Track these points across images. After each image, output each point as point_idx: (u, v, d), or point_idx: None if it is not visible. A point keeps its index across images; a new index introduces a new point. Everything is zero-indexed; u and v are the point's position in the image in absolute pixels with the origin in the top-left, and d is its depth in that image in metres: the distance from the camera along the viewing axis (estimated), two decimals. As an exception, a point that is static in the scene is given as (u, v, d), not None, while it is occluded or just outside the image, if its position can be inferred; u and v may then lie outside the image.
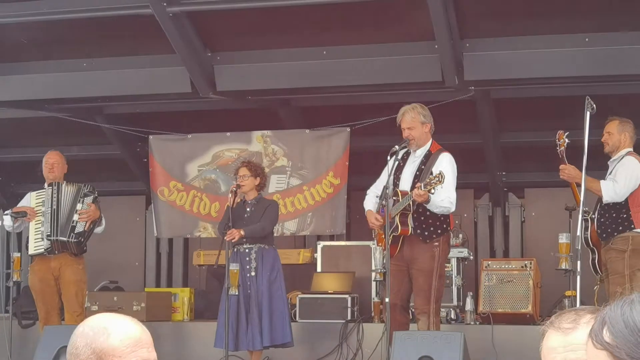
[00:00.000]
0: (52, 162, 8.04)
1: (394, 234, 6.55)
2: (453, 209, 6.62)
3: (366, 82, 9.56)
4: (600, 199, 7.17)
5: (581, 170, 6.70)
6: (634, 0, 8.41)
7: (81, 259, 7.92)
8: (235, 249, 7.80)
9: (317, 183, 10.70)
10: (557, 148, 7.02)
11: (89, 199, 7.86)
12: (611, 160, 7.26)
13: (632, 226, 7.02)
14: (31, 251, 7.92)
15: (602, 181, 7.05)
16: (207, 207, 11.01)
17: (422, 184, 6.36)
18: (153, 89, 9.98)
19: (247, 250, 7.80)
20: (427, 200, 6.43)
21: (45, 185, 8.16)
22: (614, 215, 7.04)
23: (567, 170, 6.97)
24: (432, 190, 6.29)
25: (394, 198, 6.63)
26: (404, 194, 6.58)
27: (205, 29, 9.45)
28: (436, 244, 6.64)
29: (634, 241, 7.00)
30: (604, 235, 7.08)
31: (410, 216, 6.57)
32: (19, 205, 8.19)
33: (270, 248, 7.88)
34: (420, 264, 6.62)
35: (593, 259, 7.27)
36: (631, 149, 7.25)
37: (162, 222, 11.14)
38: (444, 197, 6.47)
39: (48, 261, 7.80)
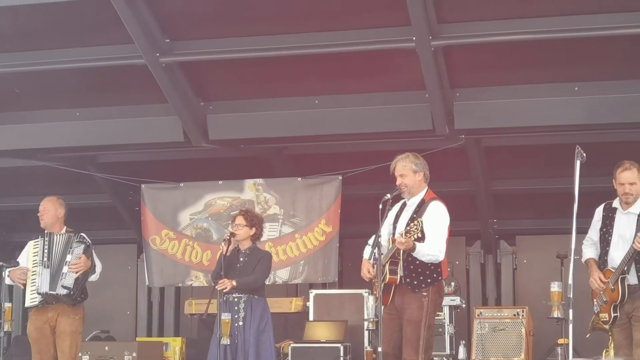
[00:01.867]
0: (42, 209, 7.97)
1: (383, 282, 6.55)
2: (441, 257, 6.61)
3: (357, 130, 9.63)
4: (635, 256, 6.83)
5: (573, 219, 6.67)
6: (623, 49, 8.51)
7: (78, 308, 7.79)
8: (224, 298, 7.79)
9: (309, 231, 10.71)
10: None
11: (79, 250, 7.73)
12: (628, 211, 6.73)
13: None
14: (27, 304, 7.85)
15: None
16: (199, 255, 11.00)
17: (404, 232, 6.39)
18: (146, 138, 10.02)
19: (236, 300, 7.78)
20: (412, 249, 6.44)
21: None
22: None
23: None
24: (413, 237, 6.32)
25: (388, 247, 6.64)
26: (394, 241, 6.60)
27: (197, 79, 9.53)
28: (425, 293, 6.61)
29: None
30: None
31: (400, 264, 6.57)
32: (22, 253, 8.12)
33: (260, 298, 7.86)
34: (409, 314, 6.60)
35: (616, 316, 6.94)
36: None
37: (153, 271, 11.12)
38: (429, 246, 6.49)
39: (45, 311, 7.72)
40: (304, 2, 8.49)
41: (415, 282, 6.57)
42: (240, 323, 7.76)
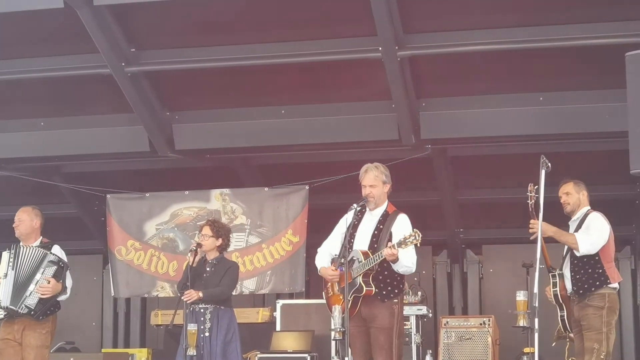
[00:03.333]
0: (17, 220, 7.82)
1: (357, 294, 6.54)
2: (414, 269, 6.67)
3: (324, 140, 9.64)
4: (569, 255, 7.20)
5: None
6: (588, 60, 8.59)
7: (46, 322, 7.62)
8: (191, 308, 7.75)
9: (276, 241, 10.69)
10: (528, 202, 7.03)
11: (50, 271, 7.54)
12: (573, 220, 7.34)
13: (608, 281, 7.09)
14: None
15: (576, 234, 7.10)
16: (165, 266, 10.94)
17: (396, 243, 6.39)
18: (111, 148, 9.97)
19: (202, 310, 7.74)
20: (396, 260, 6.47)
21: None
22: (590, 271, 7.08)
23: (537, 225, 6.96)
24: (404, 248, 6.35)
25: (354, 258, 6.62)
26: (365, 253, 6.59)
27: (163, 89, 9.49)
28: (395, 301, 6.65)
29: (610, 298, 7.09)
30: (581, 291, 7.09)
31: (371, 276, 6.58)
32: None
33: (226, 309, 7.82)
34: (380, 321, 6.60)
35: (562, 316, 7.26)
36: (589, 207, 7.34)
37: (119, 282, 11.04)
38: (408, 257, 6.52)
39: (12, 323, 7.60)
40: (270, 11, 8.49)
41: (384, 293, 6.61)
42: (207, 334, 7.73)
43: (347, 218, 6.67)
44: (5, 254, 7.73)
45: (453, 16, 8.46)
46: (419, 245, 6.42)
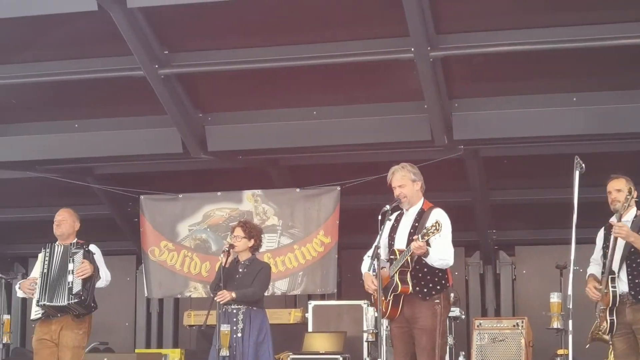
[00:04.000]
0: (59, 219, 7.91)
1: (394, 293, 6.50)
2: (451, 262, 6.59)
3: (356, 141, 9.63)
4: (626, 257, 6.93)
5: (572, 229, 6.67)
6: (622, 60, 8.52)
7: (83, 322, 7.67)
8: (223, 309, 7.77)
9: (308, 242, 10.70)
10: (618, 204, 6.78)
11: (78, 256, 7.70)
12: (624, 220, 6.79)
13: None
14: (32, 316, 7.81)
15: None
16: (198, 266, 11.00)
17: (420, 235, 6.35)
18: (144, 149, 10.03)
19: (234, 311, 7.76)
20: (426, 253, 6.41)
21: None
22: None
23: (623, 230, 6.76)
24: (430, 239, 6.29)
25: (391, 257, 6.60)
26: (401, 251, 6.57)
27: (196, 91, 9.53)
28: (437, 301, 6.59)
29: None
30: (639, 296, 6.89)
31: (408, 274, 6.54)
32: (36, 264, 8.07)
33: (258, 309, 7.84)
34: (422, 322, 6.55)
35: (612, 320, 6.99)
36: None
37: (152, 282, 11.11)
38: (440, 250, 6.46)
39: (49, 323, 7.65)
40: (302, 13, 8.49)
41: (425, 290, 6.53)
42: (239, 334, 7.75)
43: (381, 220, 6.63)
44: (40, 254, 7.83)
45: (485, 16, 8.42)
46: (439, 236, 6.33)
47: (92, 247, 7.88)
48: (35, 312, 7.70)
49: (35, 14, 8.40)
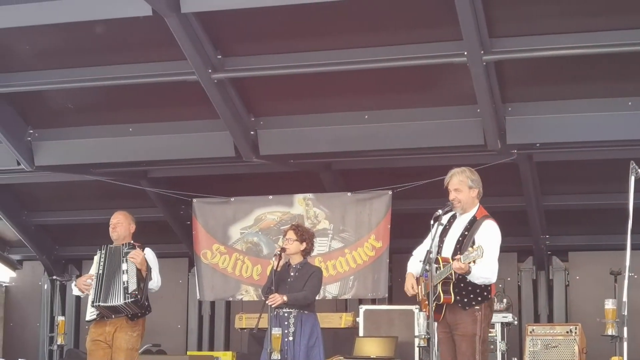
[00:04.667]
0: (115, 222, 7.98)
1: (437, 302, 6.49)
2: (494, 279, 6.55)
3: (408, 145, 9.59)
4: None
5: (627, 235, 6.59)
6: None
7: (137, 324, 7.70)
8: (275, 312, 7.79)
9: (359, 246, 10.70)
10: None
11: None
12: None
13: None
14: (87, 317, 7.89)
15: None
16: (249, 270, 11.05)
17: (462, 257, 6.31)
18: (197, 153, 10.10)
19: (286, 315, 7.78)
20: (468, 272, 6.39)
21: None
22: None
23: None
24: (472, 263, 6.26)
25: (435, 265, 6.57)
26: (446, 261, 6.53)
27: (248, 95, 9.58)
28: (477, 308, 6.57)
29: None
30: None
31: (451, 285, 6.52)
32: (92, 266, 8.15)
33: (310, 313, 7.84)
34: (462, 328, 6.53)
35: None
36: None
37: (204, 285, 11.18)
38: (483, 269, 6.43)
39: (104, 324, 7.70)
40: (354, 16, 8.49)
41: (466, 300, 6.52)
42: (290, 338, 7.76)
43: (434, 223, 6.60)
44: (96, 256, 7.92)
45: (539, 20, 8.36)
46: (478, 261, 6.28)
47: (147, 251, 7.93)
48: (90, 313, 7.78)
49: (91, 19, 8.51)
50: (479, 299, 6.54)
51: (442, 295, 6.47)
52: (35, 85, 9.56)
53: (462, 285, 6.51)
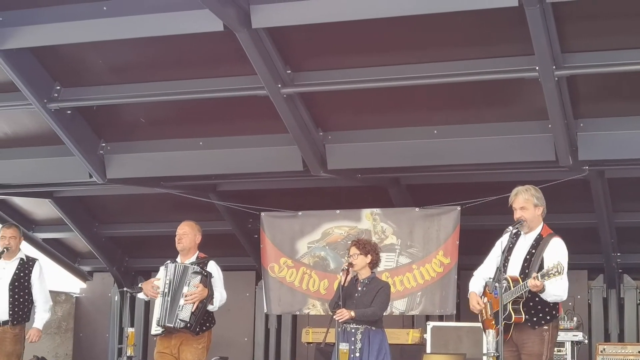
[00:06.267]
0: (181, 233, 8.00)
1: (507, 322, 6.43)
2: (565, 297, 6.50)
3: (477, 161, 9.52)
4: None
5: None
6: None
7: (202, 337, 7.77)
8: (342, 328, 7.78)
9: (427, 262, 10.64)
10: None
11: (195, 280, 7.73)
12: None
13: None
14: (152, 331, 7.96)
15: None
16: (316, 284, 11.06)
17: (539, 275, 6.25)
18: (266, 167, 10.15)
19: (353, 330, 7.77)
20: (542, 290, 6.33)
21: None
22: None
23: None
24: (546, 281, 6.21)
25: (505, 284, 6.51)
26: (514, 279, 6.47)
27: (317, 109, 9.61)
28: (545, 327, 6.51)
29: None
30: None
31: (521, 303, 6.47)
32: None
33: (377, 329, 7.82)
34: (529, 348, 6.49)
35: None
36: None
37: (272, 298, 11.23)
38: (556, 287, 6.37)
39: (170, 338, 7.78)
40: (423, 31, 8.47)
41: (535, 319, 6.48)
42: (357, 354, 7.75)
43: (502, 241, 6.56)
44: (161, 271, 7.97)
45: (611, 35, 8.23)
46: (553, 279, 6.22)
47: (212, 265, 7.96)
48: (155, 329, 7.86)
49: (162, 35, 8.62)
50: (548, 317, 6.49)
51: (512, 314, 6.42)
52: (109, 99, 9.70)
53: (531, 304, 6.47)
